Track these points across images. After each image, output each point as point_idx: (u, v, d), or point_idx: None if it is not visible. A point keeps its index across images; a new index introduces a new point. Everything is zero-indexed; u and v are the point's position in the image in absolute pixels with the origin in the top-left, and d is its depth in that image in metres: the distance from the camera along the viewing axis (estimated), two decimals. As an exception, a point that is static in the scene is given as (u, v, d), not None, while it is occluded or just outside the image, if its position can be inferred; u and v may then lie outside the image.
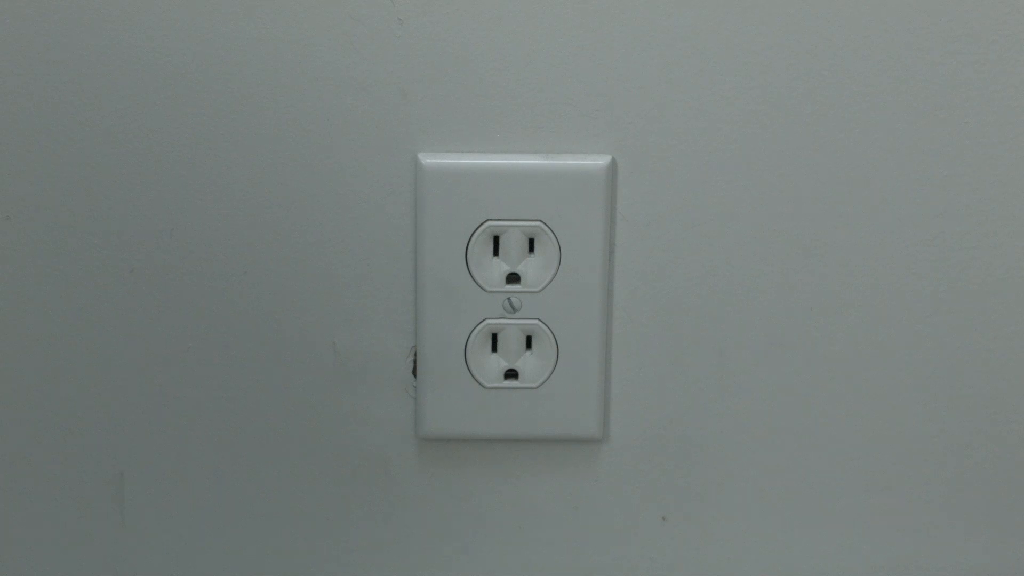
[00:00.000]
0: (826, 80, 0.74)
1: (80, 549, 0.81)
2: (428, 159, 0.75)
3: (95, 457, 0.80)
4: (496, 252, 0.76)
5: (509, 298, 0.77)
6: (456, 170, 0.75)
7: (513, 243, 0.76)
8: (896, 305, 0.77)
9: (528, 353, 0.78)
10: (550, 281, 0.76)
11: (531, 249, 0.76)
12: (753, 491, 0.81)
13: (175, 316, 0.78)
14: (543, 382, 0.78)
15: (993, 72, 0.74)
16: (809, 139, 0.75)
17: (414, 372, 0.78)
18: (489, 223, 0.76)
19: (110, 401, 0.79)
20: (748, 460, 0.80)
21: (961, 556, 0.81)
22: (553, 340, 0.77)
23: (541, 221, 0.76)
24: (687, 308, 0.78)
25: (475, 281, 0.76)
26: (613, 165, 0.75)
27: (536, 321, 0.77)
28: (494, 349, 0.78)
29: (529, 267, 0.76)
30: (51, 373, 0.78)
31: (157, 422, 0.79)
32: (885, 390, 0.79)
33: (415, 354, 0.78)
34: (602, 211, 0.75)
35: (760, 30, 0.73)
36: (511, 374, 0.78)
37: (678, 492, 0.81)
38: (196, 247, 0.77)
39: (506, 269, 0.76)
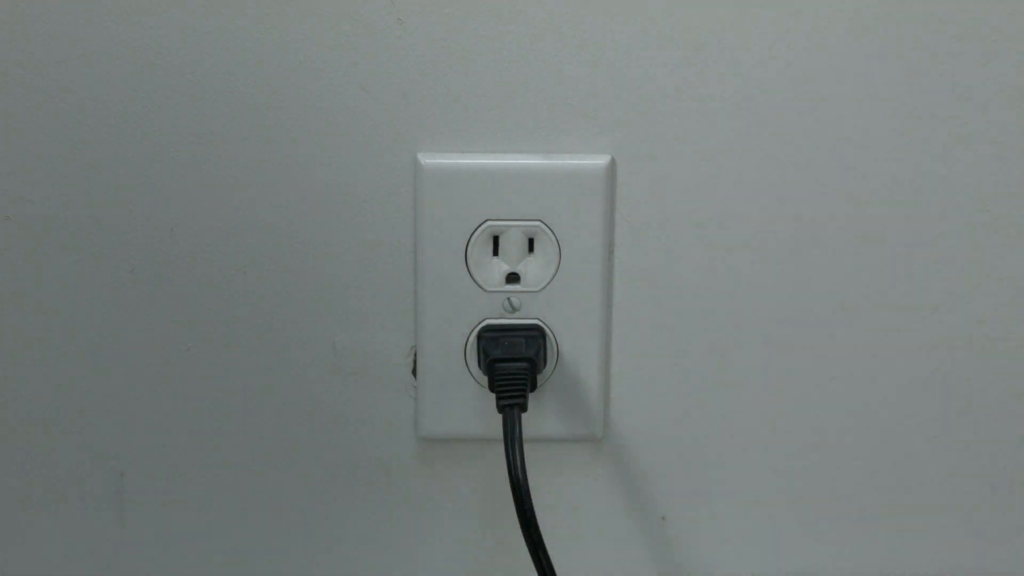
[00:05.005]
0: (826, 80, 0.74)
1: (80, 549, 0.81)
2: (428, 159, 0.75)
3: (95, 457, 0.80)
4: (496, 252, 0.76)
5: (509, 298, 0.77)
6: (456, 170, 0.75)
7: (513, 243, 0.76)
8: (896, 305, 0.77)
9: (528, 353, 0.78)
10: (550, 281, 0.76)
11: (531, 249, 0.76)
12: (753, 491, 0.81)
13: (175, 316, 0.78)
14: (543, 382, 0.78)
15: (993, 72, 0.74)
16: (809, 139, 0.75)
17: (414, 372, 0.78)
18: (489, 223, 0.76)
19: (110, 401, 0.79)
20: (748, 460, 0.80)
21: (961, 556, 0.81)
22: (553, 340, 0.77)
23: (541, 221, 0.76)
24: (687, 308, 0.78)
25: (475, 281, 0.76)
26: (613, 165, 0.75)
27: (536, 321, 0.77)
28: (494, 349, 0.78)
29: (529, 267, 0.76)
30: (51, 373, 0.78)
31: (157, 422, 0.79)
32: (885, 390, 0.79)
33: (415, 354, 0.78)
34: (602, 211, 0.75)
35: (760, 30, 0.73)
36: (511, 374, 0.78)
37: (678, 492, 0.81)
38: (196, 247, 0.77)
39: (506, 269, 0.76)
